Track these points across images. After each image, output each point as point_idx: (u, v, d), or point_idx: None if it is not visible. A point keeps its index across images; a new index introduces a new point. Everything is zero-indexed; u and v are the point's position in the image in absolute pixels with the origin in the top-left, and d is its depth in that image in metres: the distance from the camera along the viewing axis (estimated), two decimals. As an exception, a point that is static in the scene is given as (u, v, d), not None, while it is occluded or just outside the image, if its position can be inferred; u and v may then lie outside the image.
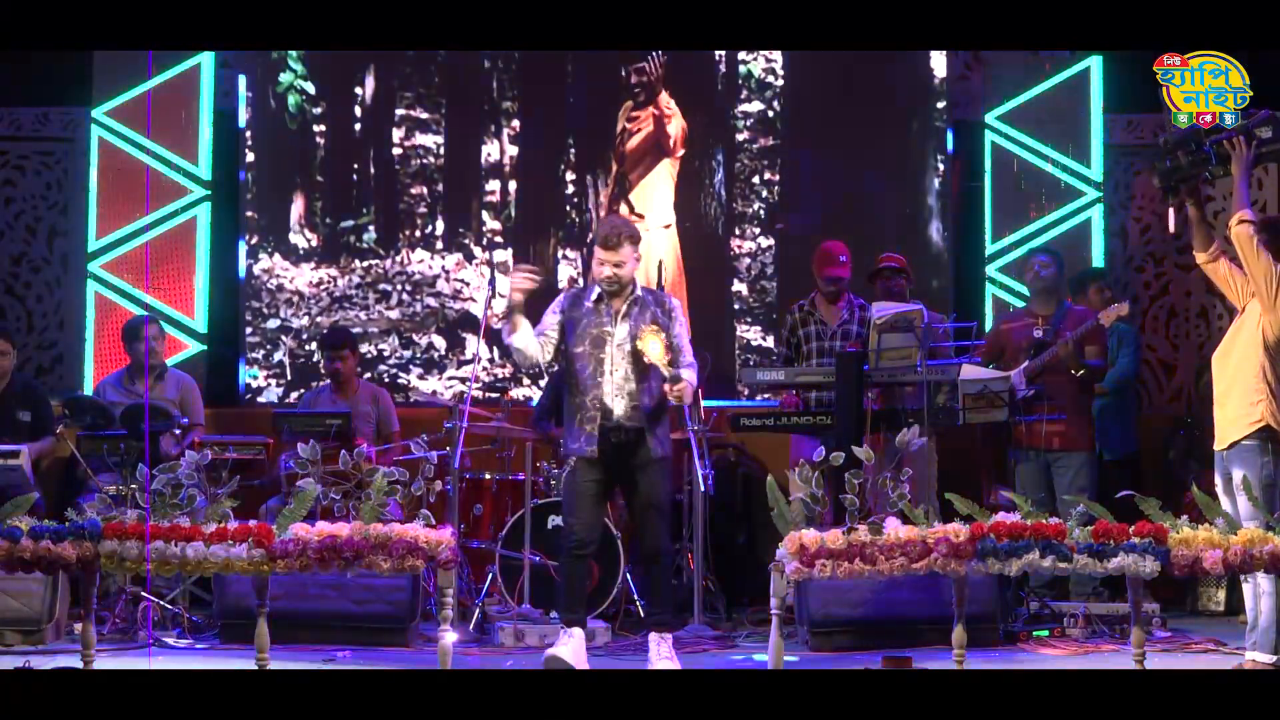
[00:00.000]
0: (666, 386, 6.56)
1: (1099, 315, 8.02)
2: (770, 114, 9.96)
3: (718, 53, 9.88)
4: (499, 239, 9.84)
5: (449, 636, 5.99)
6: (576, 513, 6.72)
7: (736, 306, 9.88)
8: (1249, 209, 6.35)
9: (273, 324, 9.79)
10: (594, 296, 6.77)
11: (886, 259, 8.85)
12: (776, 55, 9.92)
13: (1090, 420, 8.25)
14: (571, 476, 6.74)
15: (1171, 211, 6.66)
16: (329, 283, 9.81)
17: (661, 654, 6.66)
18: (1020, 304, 9.34)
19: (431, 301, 9.82)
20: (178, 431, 8.24)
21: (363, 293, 9.83)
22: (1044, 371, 8.00)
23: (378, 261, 9.84)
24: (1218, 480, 6.44)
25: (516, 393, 9.49)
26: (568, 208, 9.89)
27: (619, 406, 6.66)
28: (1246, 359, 6.35)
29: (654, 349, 6.55)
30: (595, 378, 6.67)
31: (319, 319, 9.72)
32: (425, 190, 9.92)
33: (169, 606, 7.47)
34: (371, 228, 9.90)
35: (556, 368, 8.84)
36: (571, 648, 6.60)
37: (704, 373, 8.18)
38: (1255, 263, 6.31)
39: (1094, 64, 9.65)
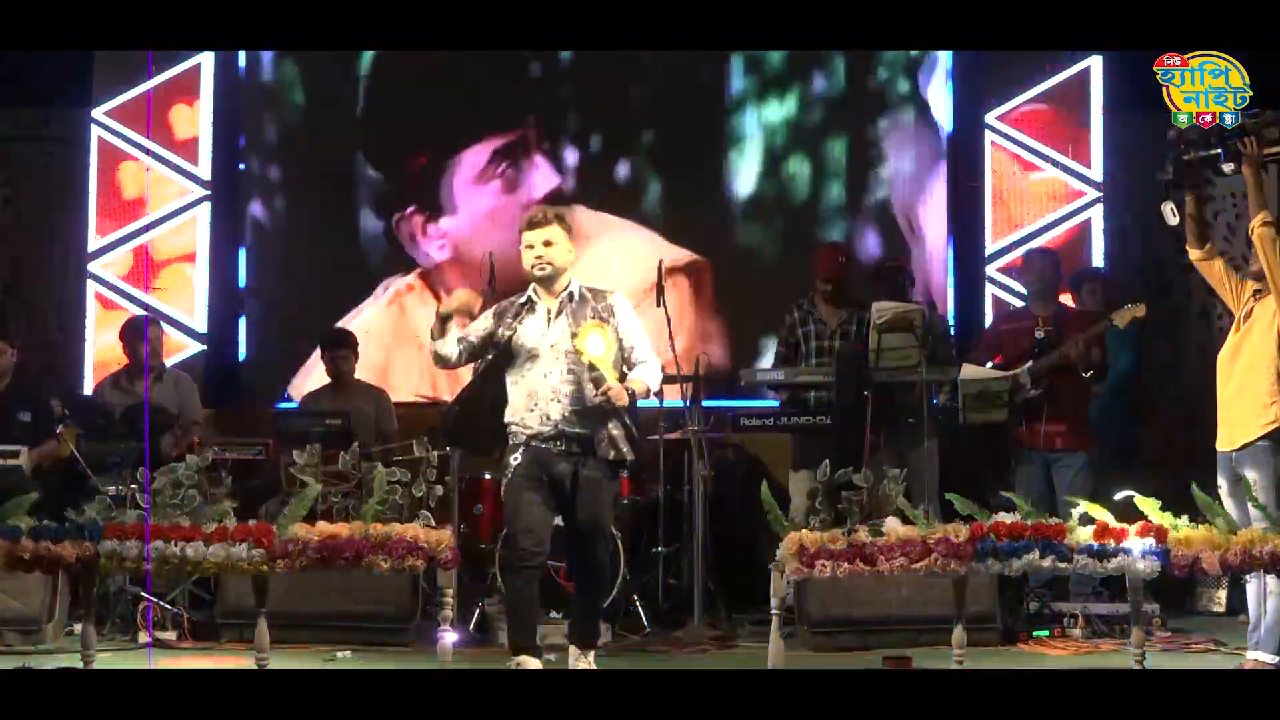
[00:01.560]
0: (590, 389, 6.12)
1: (1113, 316, 7.95)
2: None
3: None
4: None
5: (449, 636, 5.99)
6: (520, 523, 6.20)
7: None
8: (1268, 211, 6.33)
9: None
10: (524, 298, 6.33)
11: (888, 259, 8.87)
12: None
13: (1088, 420, 8.25)
14: (511, 485, 6.25)
15: (1170, 207, 6.63)
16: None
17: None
18: (1017, 303, 9.37)
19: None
20: (178, 432, 8.24)
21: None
22: (1049, 372, 7.99)
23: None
24: (1221, 481, 6.42)
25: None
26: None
27: (555, 411, 6.18)
28: (1259, 360, 6.32)
29: (594, 345, 6.08)
30: (530, 383, 6.22)
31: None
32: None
33: (169, 606, 7.47)
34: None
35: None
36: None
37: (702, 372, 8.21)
38: (1277, 265, 6.28)
39: (1094, 64, 9.65)
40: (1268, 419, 6.26)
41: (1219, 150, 6.40)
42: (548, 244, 6.21)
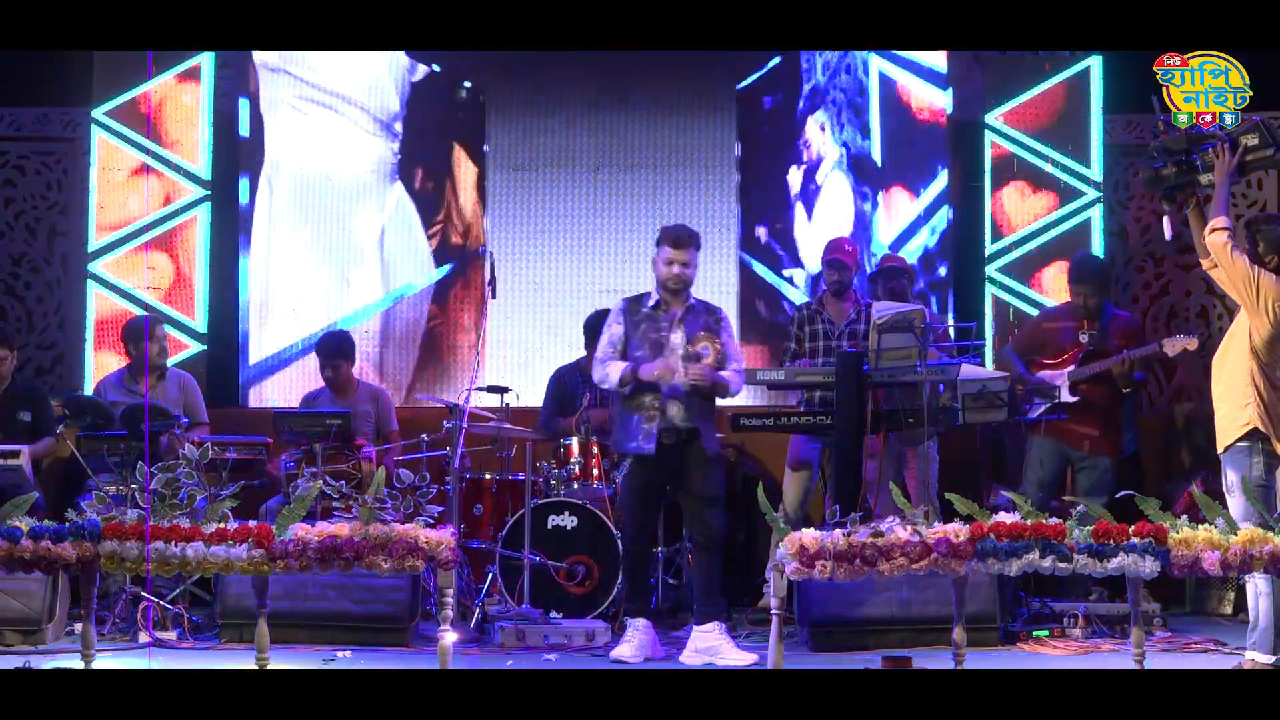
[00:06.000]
0: (683, 364, 6.90)
1: (1164, 344, 7.99)
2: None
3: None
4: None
5: (449, 636, 5.99)
6: (632, 510, 7.11)
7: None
8: (1224, 216, 6.36)
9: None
10: (652, 302, 7.08)
11: (888, 259, 8.86)
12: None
13: (1120, 427, 8.28)
14: (629, 476, 7.07)
15: (1166, 218, 6.68)
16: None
17: (729, 640, 6.91)
18: (1017, 303, 9.41)
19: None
20: (179, 432, 8.23)
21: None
22: (1090, 379, 8.02)
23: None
24: (1223, 483, 6.47)
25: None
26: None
27: (674, 408, 6.93)
28: (1238, 363, 6.41)
29: (704, 351, 6.97)
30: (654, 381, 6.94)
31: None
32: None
33: (169, 606, 7.47)
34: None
35: (557, 369, 8.91)
36: (633, 645, 6.89)
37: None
38: (1232, 269, 6.35)
39: (1094, 64, 9.65)
40: (1243, 420, 6.33)
41: (1194, 161, 6.41)
42: (685, 264, 7.03)
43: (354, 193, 10.02)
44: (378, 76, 10.02)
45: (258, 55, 9.88)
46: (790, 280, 9.87)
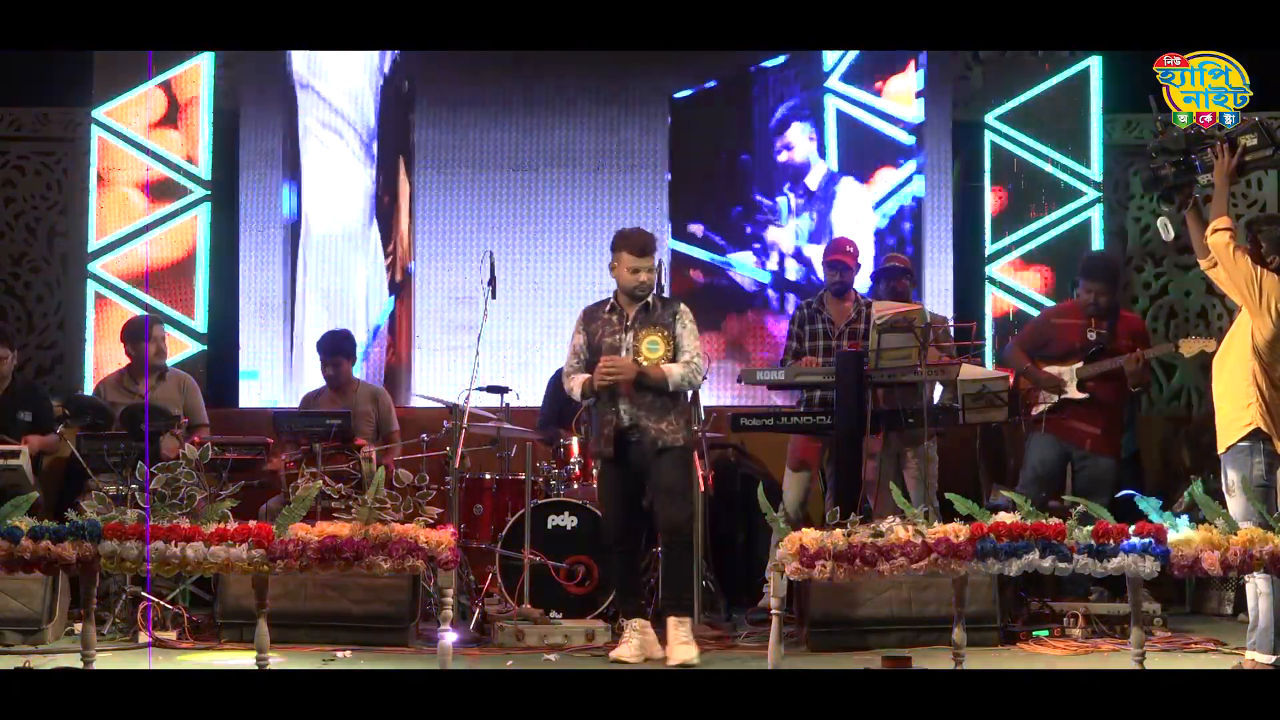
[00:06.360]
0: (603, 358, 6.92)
1: (1180, 344, 7.98)
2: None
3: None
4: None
5: (449, 636, 5.99)
6: (610, 511, 7.12)
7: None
8: (1226, 217, 6.36)
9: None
10: (609, 307, 7.09)
11: (891, 259, 8.86)
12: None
13: (1122, 427, 8.27)
14: (601, 478, 7.18)
15: (1163, 221, 6.68)
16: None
17: (679, 638, 6.82)
18: (1017, 303, 9.41)
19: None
20: (178, 432, 8.23)
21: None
22: (1098, 377, 8.02)
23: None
24: (1223, 482, 6.47)
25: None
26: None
27: (624, 406, 6.92)
28: (1240, 363, 6.40)
29: (651, 348, 6.94)
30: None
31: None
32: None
33: (169, 606, 7.47)
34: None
35: (555, 371, 8.91)
36: (633, 646, 6.88)
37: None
38: (1234, 269, 6.34)
39: (1094, 64, 9.66)
40: (1245, 420, 6.33)
41: (1193, 162, 6.41)
42: (650, 270, 7.02)
43: (352, 249, 9.98)
44: (359, 86, 10.00)
45: (296, 69, 9.86)
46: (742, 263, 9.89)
